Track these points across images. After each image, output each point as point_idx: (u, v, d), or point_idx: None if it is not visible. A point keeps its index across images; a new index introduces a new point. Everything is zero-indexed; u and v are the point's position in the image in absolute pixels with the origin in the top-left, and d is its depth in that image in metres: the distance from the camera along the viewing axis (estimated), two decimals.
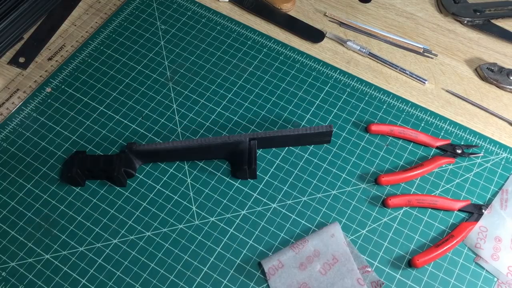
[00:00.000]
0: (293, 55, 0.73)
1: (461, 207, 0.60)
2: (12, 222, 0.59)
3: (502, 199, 0.61)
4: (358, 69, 0.72)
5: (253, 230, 0.59)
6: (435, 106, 0.69)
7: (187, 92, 0.69)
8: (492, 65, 0.72)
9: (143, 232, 0.59)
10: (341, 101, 0.69)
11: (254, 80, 0.71)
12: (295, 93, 0.69)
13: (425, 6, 0.79)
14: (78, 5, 0.78)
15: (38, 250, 0.57)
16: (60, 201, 0.61)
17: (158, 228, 0.59)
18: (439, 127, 0.67)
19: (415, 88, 0.71)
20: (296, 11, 0.78)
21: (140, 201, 0.61)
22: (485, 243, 0.58)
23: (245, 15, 0.78)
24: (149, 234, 0.59)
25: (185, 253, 0.58)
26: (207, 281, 0.56)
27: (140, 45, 0.74)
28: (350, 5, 0.79)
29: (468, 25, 0.77)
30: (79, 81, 0.70)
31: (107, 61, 0.72)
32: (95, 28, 0.76)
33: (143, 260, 0.57)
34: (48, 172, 0.62)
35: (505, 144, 0.66)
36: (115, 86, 0.70)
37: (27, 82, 0.70)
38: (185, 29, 0.75)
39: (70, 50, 0.73)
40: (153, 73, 0.71)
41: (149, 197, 0.61)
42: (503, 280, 0.56)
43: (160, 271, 0.57)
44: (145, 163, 0.63)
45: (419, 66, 0.73)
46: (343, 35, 0.75)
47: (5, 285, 0.55)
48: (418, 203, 0.60)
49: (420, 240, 0.59)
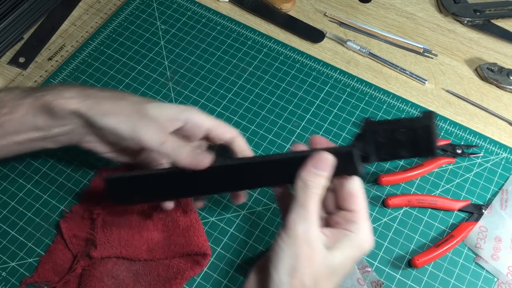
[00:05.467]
0: (293, 55, 0.73)
1: (461, 207, 0.60)
2: (12, 222, 0.59)
3: (502, 199, 0.61)
4: (358, 69, 0.72)
5: (253, 230, 0.59)
6: (435, 106, 0.69)
7: (187, 92, 0.69)
8: (492, 65, 0.72)
9: None
10: (341, 101, 0.69)
11: (254, 80, 0.71)
12: (295, 93, 0.69)
13: (425, 6, 0.79)
14: (78, 5, 0.78)
15: (38, 250, 0.57)
16: (60, 201, 0.61)
17: None
18: (439, 127, 0.67)
19: (415, 88, 0.71)
20: (296, 11, 0.78)
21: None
22: (485, 243, 0.58)
23: (245, 15, 0.78)
24: None
25: None
26: (207, 281, 0.56)
27: (140, 45, 0.74)
28: (350, 5, 0.79)
29: (468, 25, 0.77)
30: (79, 81, 0.70)
31: (107, 61, 0.72)
32: (95, 28, 0.76)
33: None
34: (48, 172, 0.62)
35: (505, 144, 0.66)
36: (115, 86, 0.70)
37: (27, 82, 0.70)
38: (185, 29, 0.75)
39: (70, 50, 0.73)
40: (153, 73, 0.71)
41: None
42: (503, 280, 0.56)
43: None
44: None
45: (419, 66, 0.73)
46: (343, 35, 0.75)
47: (5, 285, 0.55)
48: (418, 203, 0.60)
49: (420, 240, 0.59)
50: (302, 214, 0.40)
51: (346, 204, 0.42)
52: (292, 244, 0.39)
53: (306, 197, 0.40)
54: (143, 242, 0.55)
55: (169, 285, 0.54)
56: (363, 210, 0.42)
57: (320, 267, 0.39)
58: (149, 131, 0.47)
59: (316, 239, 0.39)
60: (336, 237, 0.40)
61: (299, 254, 0.39)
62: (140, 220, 0.57)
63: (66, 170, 0.63)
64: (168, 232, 0.56)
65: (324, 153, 0.41)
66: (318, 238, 0.39)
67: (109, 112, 0.48)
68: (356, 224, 0.41)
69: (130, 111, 0.48)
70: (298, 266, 0.38)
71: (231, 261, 0.57)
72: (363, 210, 0.42)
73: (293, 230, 0.39)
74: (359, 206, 0.41)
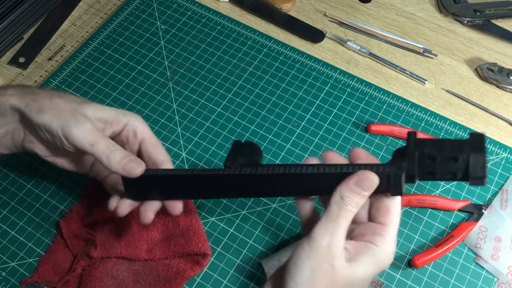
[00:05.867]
0: (293, 55, 0.73)
1: (461, 207, 0.60)
2: (12, 222, 0.59)
3: (502, 199, 0.61)
4: (358, 69, 0.72)
5: (253, 230, 0.59)
6: (435, 106, 0.69)
7: (187, 92, 0.69)
8: (492, 65, 0.71)
9: None
10: (341, 101, 0.69)
11: (254, 80, 0.71)
12: (295, 93, 0.69)
13: (425, 6, 0.79)
14: (78, 5, 0.78)
15: (38, 250, 0.57)
16: (60, 201, 0.61)
17: None
18: (439, 127, 0.67)
19: (415, 88, 0.71)
20: (296, 11, 0.78)
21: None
22: (485, 243, 0.58)
23: (245, 15, 0.78)
24: None
25: None
26: (207, 281, 0.56)
27: (140, 45, 0.74)
28: (350, 5, 0.79)
29: (468, 25, 0.77)
30: (79, 81, 0.70)
31: (107, 61, 0.72)
32: (95, 28, 0.76)
33: None
34: (48, 172, 0.62)
35: (505, 144, 0.66)
36: (115, 86, 0.70)
37: (27, 82, 0.70)
38: (185, 29, 0.75)
39: (70, 50, 0.73)
40: (153, 73, 0.71)
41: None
42: (503, 280, 0.56)
43: None
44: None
45: (419, 66, 0.73)
46: (343, 35, 0.75)
47: (5, 285, 0.55)
48: (418, 203, 0.60)
49: (420, 240, 0.59)
50: (331, 229, 0.38)
51: (379, 217, 0.41)
52: (314, 256, 0.38)
53: (340, 213, 0.39)
54: (143, 242, 0.55)
55: (169, 285, 0.54)
56: (394, 226, 0.40)
57: (338, 283, 0.38)
58: (80, 130, 0.45)
59: (339, 255, 0.38)
60: (358, 250, 0.39)
61: (319, 268, 0.38)
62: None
63: (66, 170, 0.62)
64: (168, 232, 0.56)
65: (369, 173, 0.39)
66: (341, 254, 0.38)
67: (44, 108, 0.46)
68: (382, 238, 0.40)
69: (66, 108, 0.46)
70: (316, 280, 0.37)
71: (231, 261, 0.57)
72: (394, 226, 0.40)
73: (317, 243, 0.38)
74: (391, 221, 0.40)
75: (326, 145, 0.65)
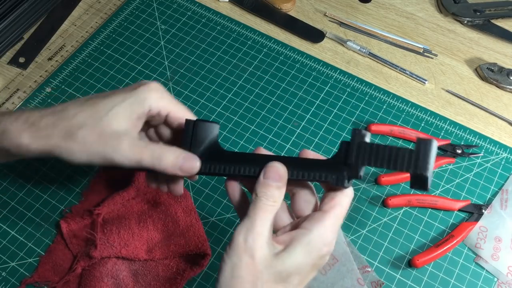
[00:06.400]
0: (293, 55, 0.73)
1: (461, 207, 0.60)
2: (12, 222, 0.59)
3: (502, 199, 0.61)
4: (358, 69, 0.72)
5: None
6: (435, 106, 0.69)
7: (187, 92, 0.69)
8: (492, 65, 0.72)
9: None
10: (341, 101, 0.69)
11: (254, 80, 0.71)
12: (295, 93, 0.69)
13: (425, 6, 0.79)
14: (78, 5, 0.78)
15: (38, 250, 0.57)
16: (60, 201, 0.61)
17: None
18: (439, 127, 0.67)
19: (415, 88, 0.71)
20: (296, 11, 0.78)
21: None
22: (485, 243, 0.58)
23: (245, 15, 0.78)
24: None
25: None
26: (207, 281, 0.56)
27: (140, 45, 0.74)
28: (350, 5, 0.79)
29: (468, 25, 0.77)
30: (79, 81, 0.70)
31: (107, 61, 0.72)
32: (95, 28, 0.76)
33: None
34: (48, 172, 0.62)
35: (505, 144, 0.66)
36: (115, 86, 0.70)
37: (27, 82, 0.70)
38: (185, 29, 0.75)
39: (70, 50, 0.73)
40: (153, 73, 0.71)
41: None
42: (503, 280, 0.56)
43: None
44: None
45: (419, 66, 0.73)
46: (343, 35, 0.75)
47: (5, 285, 0.55)
48: (418, 203, 0.60)
49: (420, 240, 0.59)
50: (247, 224, 0.38)
51: (322, 205, 0.40)
52: (233, 255, 0.38)
53: (254, 208, 0.39)
54: (143, 242, 0.55)
55: (169, 285, 0.54)
56: (335, 214, 0.39)
57: (263, 275, 0.37)
58: (119, 155, 0.42)
59: (259, 247, 0.37)
60: (293, 238, 0.39)
61: (239, 264, 0.37)
62: (140, 220, 0.57)
63: (66, 170, 0.63)
64: (168, 232, 0.56)
65: (275, 164, 0.40)
66: (263, 246, 0.38)
67: (73, 149, 0.43)
68: (318, 223, 0.39)
69: (94, 137, 0.43)
70: (237, 276, 0.37)
71: None
72: (334, 214, 0.39)
73: (235, 240, 0.38)
74: (332, 208, 0.39)
75: (326, 145, 0.65)
